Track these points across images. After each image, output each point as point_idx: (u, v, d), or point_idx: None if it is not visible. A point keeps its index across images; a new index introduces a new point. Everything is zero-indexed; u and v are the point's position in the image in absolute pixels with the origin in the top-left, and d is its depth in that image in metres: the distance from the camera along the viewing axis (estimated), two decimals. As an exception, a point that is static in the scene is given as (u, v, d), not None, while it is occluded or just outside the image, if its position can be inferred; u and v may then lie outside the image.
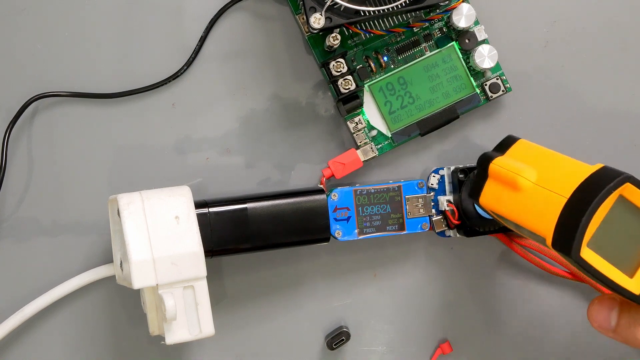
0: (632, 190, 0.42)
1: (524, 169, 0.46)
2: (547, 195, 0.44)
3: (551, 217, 0.43)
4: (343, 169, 0.54)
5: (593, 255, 0.42)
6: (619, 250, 0.43)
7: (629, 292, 0.42)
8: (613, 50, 0.57)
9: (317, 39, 0.55)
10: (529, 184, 0.45)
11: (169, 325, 0.48)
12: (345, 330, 0.56)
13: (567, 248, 0.42)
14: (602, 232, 0.42)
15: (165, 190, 0.50)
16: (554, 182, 0.44)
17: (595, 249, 0.42)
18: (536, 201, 0.44)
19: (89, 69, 0.55)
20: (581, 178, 0.43)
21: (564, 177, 0.44)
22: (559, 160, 0.46)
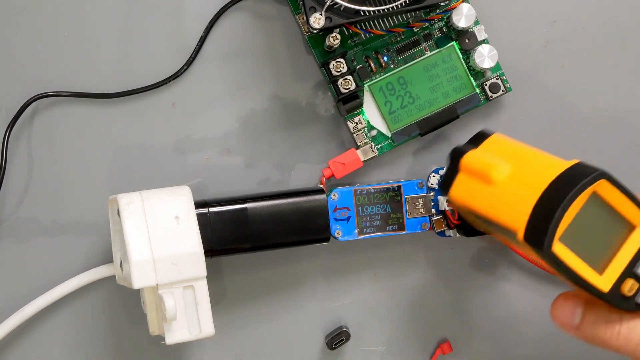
0: (607, 187, 0.42)
1: (497, 163, 0.45)
2: (521, 189, 0.43)
3: (524, 210, 0.42)
4: (343, 169, 0.54)
5: (565, 250, 0.42)
6: (590, 247, 0.42)
7: (598, 290, 0.42)
8: (613, 50, 0.57)
9: (317, 39, 0.55)
10: (502, 177, 0.45)
11: (169, 325, 0.48)
12: (345, 330, 0.56)
13: (539, 242, 0.41)
14: (574, 228, 0.42)
15: (165, 190, 0.50)
16: (528, 176, 0.43)
17: (566, 245, 0.42)
18: (509, 195, 0.44)
19: (89, 69, 0.55)
20: (556, 173, 0.42)
21: (538, 172, 0.43)
22: (534, 155, 0.46)
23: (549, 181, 0.42)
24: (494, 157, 0.46)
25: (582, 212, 0.42)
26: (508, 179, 0.44)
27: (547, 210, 0.41)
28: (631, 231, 0.43)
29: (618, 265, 0.43)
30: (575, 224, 0.42)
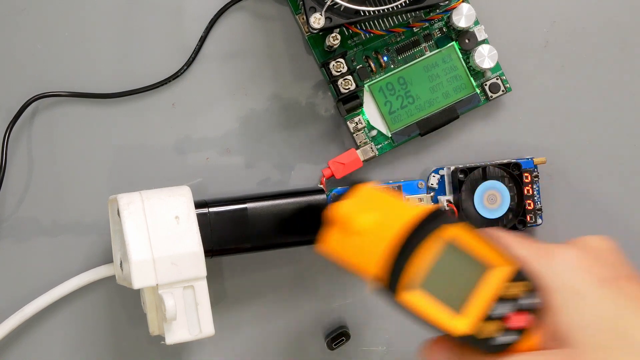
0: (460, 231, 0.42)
1: (361, 213, 0.45)
2: (379, 238, 0.43)
3: (379, 260, 0.42)
4: (343, 169, 0.54)
5: (419, 298, 0.42)
6: (448, 292, 0.42)
7: (457, 334, 0.42)
8: (613, 50, 0.57)
9: (317, 39, 0.55)
10: (364, 227, 0.44)
11: (169, 325, 0.48)
12: (345, 330, 0.56)
13: (391, 292, 0.41)
14: (430, 274, 0.42)
15: (165, 190, 0.50)
16: (387, 225, 0.43)
17: (422, 292, 0.42)
18: (369, 245, 0.44)
19: (89, 69, 0.55)
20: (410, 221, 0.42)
21: (395, 220, 0.43)
22: (395, 204, 0.45)
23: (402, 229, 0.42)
24: (360, 207, 0.45)
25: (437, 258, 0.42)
26: (369, 229, 0.44)
27: (398, 260, 0.41)
28: (490, 272, 0.42)
29: (477, 307, 0.42)
30: (431, 271, 0.42)
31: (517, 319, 0.42)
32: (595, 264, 0.44)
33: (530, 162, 0.55)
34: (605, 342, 0.41)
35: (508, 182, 0.54)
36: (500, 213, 0.54)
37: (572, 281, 0.43)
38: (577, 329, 0.42)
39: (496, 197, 0.54)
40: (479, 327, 0.42)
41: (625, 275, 0.44)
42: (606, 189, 0.58)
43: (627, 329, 0.42)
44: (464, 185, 0.54)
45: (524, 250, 0.44)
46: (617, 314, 0.42)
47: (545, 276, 0.43)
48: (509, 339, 0.42)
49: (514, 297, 0.42)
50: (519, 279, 0.42)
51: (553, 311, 0.42)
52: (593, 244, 0.46)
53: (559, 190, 0.57)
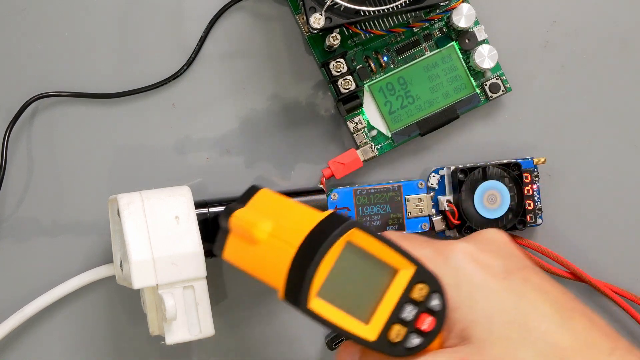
0: (360, 236, 0.41)
1: (260, 221, 0.44)
2: (280, 247, 0.42)
3: (282, 269, 0.41)
4: (343, 169, 0.54)
5: (324, 305, 0.41)
6: (352, 297, 0.42)
7: (364, 340, 0.41)
8: (613, 50, 0.57)
9: (317, 39, 0.55)
10: (264, 235, 0.43)
11: (169, 325, 0.48)
12: (345, 330, 0.56)
13: (296, 300, 0.41)
14: (333, 280, 0.41)
15: (165, 190, 0.50)
16: (287, 232, 0.42)
17: (326, 298, 0.41)
18: (270, 253, 0.43)
19: (89, 69, 0.55)
20: (310, 227, 0.41)
21: (295, 227, 0.42)
22: (294, 210, 0.44)
23: (303, 237, 0.41)
24: (258, 215, 0.45)
25: (340, 263, 0.41)
26: (269, 237, 0.43)
27: (300, 267, 0.41)
28: (394, 276, 0.42)
29: (383, 312, 0.42)
30: (334, 277, 0.41)
31: (422, 322, 0.42)
32: (490, 257, 0.44)
33: (530, 162, 0.55)
34: (505, 334, 0.41)
35: (508, 182, 0.54)
36: (500, 213, 0.54)
37: (467, 277, 0.43)
38: (476, 323, 0.42)
39: (496, 197, 0.54)
40: (385, 333, 0.42)
41: (521, 266, 0.44)
42: (606, 189, 0.57)
43: (526, 319, 0.42)
44: (464, 185, 0.54)
45: (421, 251, 0.44)
46: (515, 305, 0.42)
47: (442, 275, 0.43)
48: (416, 342, 0.42)
49: (418, 299, 0.42)
50: (420, 280, 0.42)
51: (452, 309, 0.43)
52: (488, 236, 0.46)
53: (559, 190, 0.57)
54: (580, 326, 0.42)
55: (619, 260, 0.58)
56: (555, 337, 0.41)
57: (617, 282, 0.57)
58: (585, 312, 0.43)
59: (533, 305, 0.42)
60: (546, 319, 0.42)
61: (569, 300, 0.43)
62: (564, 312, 0.42)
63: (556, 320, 0.42)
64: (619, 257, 0.58)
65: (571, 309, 0.43)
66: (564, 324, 0.42)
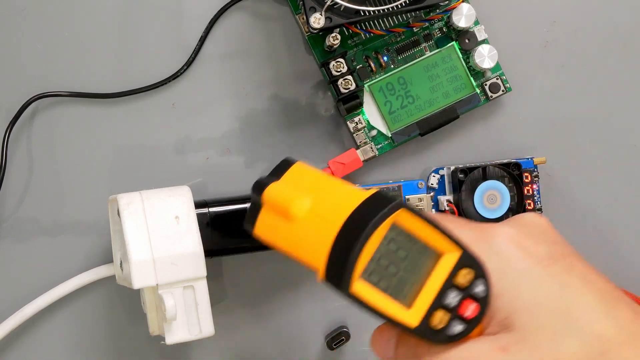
0: (406, 217, 0.39)
1: (298, 197, 0.42)
2: (320, 225, 0.40)
3: (323, 248, 0.39)
4: (343, 169, 0.54)
5: (366, 289, 0.39)
6: (395, 281, 0.40)
7: (406, 325, 0.40)
8: (613, 50, 0.57)
9: (317, 39, 0.55)
10: (302, 212, 0.41)
11: (169, 325, 0.48)
12: (345, 330, 0.56)
13: (338, 282, 0.39)
14: (376, 263, 0.40)
15: (165, 190, 0.50)
16: (327, 210, 0.40)
17: (369, 281, 0.40)
18: (309, 231, 0.41)
19: (89, 69, 0.55)
20: (353, 206, 0.39)
21: (337, 205, 0.40)
22: (334, 186, 0.42)
23: (346, 215, 0.39)
24: (295, 190, 0.42)
25: (383, 245, 0.40)
26: (308, 214, 0.41)
27: (344, 247, 0.39)
28: (438, 260, 0.41)
29: (426, 297, 0.40)
30: (377, 259, 0.40)
31: (466, 308, 0.40)
32: (534, 243, 0.43)
33: (530, 162, 0.55)
34: (548, 323, 0.40)
35: (508, 182, 0.54)
36: (500, 213, 0.54)
37: (512, 263, 0.42)
38: (519, 311, 0.41)
39: (496, 197, 0.54)
40: (428, 319, 0.40)
41: (566, 252, 0.43)
42: (606, 189, 0.58)
43: (571, 308, 0.41)
44: (464, 185, 0.54)
45: (463, 234, 0.42)
46: (560, 294, 0.41)
47: (486, 260, 0.41)
48: (459, 328, 0.40)
49: (463, 284, 0.40)
50: (465, 265, 0.40)
51: (496, 295, 0.41)
52: (529, 220, 0.44)
53: (559, 190, 0.57)
54: (625, 317, 0.41)
55: (619, 260, 0.58)
56: (600, 327, 0.40)
57: (617, 282, 0.57)
58: (630, 303, 0.42)
59: (578, 295, 0.41)
60: (590, 308, 0.41)
61: (613, 290, 0.42)
62: (608, 302, 0.41)
63: (601, 310, 0.41)
64: (619, 257, 0.58)
65: (615, 298, 0.42)
66: (608, 314, 0.41)
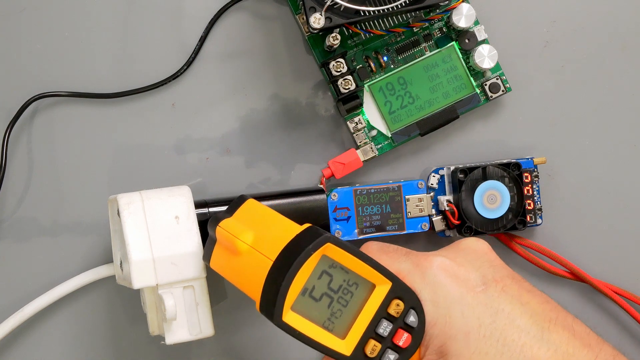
0: (334, 251, 0.42)
1: (243, 232, 0.44)
2: (259, 259, 0.42)
3: (260, 281, 0.42)
4: (343, 169, 0.54)
5: (298, 319, 0.41)
6: (329, 312, 0.42)
7: (340, 354, 0.41)
8: (613, 50, 0.57)
9: (317, 39, 0.55)
10: (246, 247, 0.44)
11: (169, 325, 0.48)
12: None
13: (270, 314, 0.41)
14: (308, 294, 0.42)
15: (165, 190, 0.50)
16: (266, 244, 0.43)
17: (301, 312, 0.41)
18: (250, 265, 0.43)
19: (89, 69, 0.55)
20: (286, 241, 0.42)
21: (274, 239, 0.42)
22: (275, 221, 0.45)
23: (279, 250, 0.41)
24: (242, 226, 0.45)
25: (315, 277, 0.42)
26: (249, 250, 0.44)
27: (275, 280, 0.41)
28: (371, 291, 0.42)
29: (359, 327, 0.42)
30: (309, 291, 0.42)
31: (399, 337, 0.42)
32: (467, 269, 0.44)
33: (530, 162, 0.55)
34: (482, 349, 0.41)
35: (508, 182, 0.54)
36: (500, 213, 0.54)
37: (444, 292, 0.43)
38: (452, 338, 0.42)
39: (496, 197, 0.54)
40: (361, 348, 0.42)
41: (499, 276, 0.44)
42: (606, 189, 0.57)
43: (504, 333, 0.41)
44: (464, 185, 0.54)
45: (400, 265, 0.44)
46: (492, 320, 0.42)
47: (420, 290, 0.43)
48: (392, 358, 0.42)
49: (394, 315, 0.42)
50: (396, 296, 0.42)
51: (430, 324, 0.43)
52: (466, 245, 0.46)
53: (559, 190, 0.57)
54: (560, 338, 0.41)
55: (619, 260, 0.58)
56: (533, 351, 0.41)
57: (617, 282, 0.57)
58: (567, 323, 0.43)
59: (510, 319, 0.42)
60: (524, 332, 0.41)
61: (549, 311, 0.43)
62: (542, 324, 0.42)
63: (534, 333, 0.41)
64: (619, 257, 0.58)
65: (550, 320, 0.42)
66: (542, 337, 0.41)
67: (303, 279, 0.41)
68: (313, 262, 0.41)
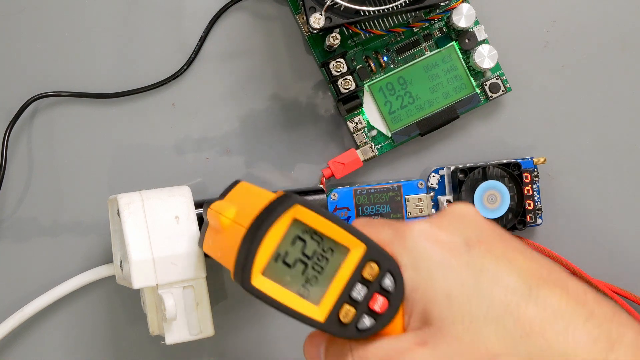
0: (305, 213, 0.40)
1: (227, 208, 0.44)
2: (238, 230, 0.42)
3: (235, 250, 0.41)
4: (343, 169, 0.54)
5: (270, 284, 0.40)
6: (303, 278, 0.41)
7: (314, 321, 0.40)
8: (613, 50, 0.57)
9: (317, 39, 0.55)
10: (228, 221, 0.43)
11: (169, 325, 0.48)
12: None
13: (241, 278, 0.40)
14: (281, 259, 0.40)
15: (165, 190, 0.50)
16: (245, 216, 0.42)
17: (272, 277, 0.40)
18: (231, 238, 0.42)
19: (89, 69, 0.55)
20: (261, 207, 0.41)
21: (252, 210, 0.41)
22: (257, 195, 0.44)
23: (253, 217, 0.41)
24: (229, 204, 0.44)
25: (287, 242, 0.41)
26: (231, 223, 0.43)
27: (245, 245, 0.40)
28: (345, 255, 0.41)
29: (334, 292, 0.41)
30: (282, 256, 0.40)
31: (375, 302, 0.40)
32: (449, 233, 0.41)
33: (530, 162, 0.55)
34: (466, 311, 0.39)
35: (508, 182, 0.54)
36: (500, 213, 0.54)
37: (425, 256, 0.40)
38: (434, 303, 0.39)
39: (496, 197, 0.54)
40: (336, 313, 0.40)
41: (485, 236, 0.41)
42: (606, 189, 0.58)
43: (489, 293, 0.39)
44: (464, 185, 0.54)
45: (382, 233, 0.42)
46: (476, 280, 0.39)
47: (400, 256, 0.41)
48: (368, 323, 0.40)
49: (369, 278, 0.40)
50: (371, 259, 0.40)
51: (412, 289, 0.40)
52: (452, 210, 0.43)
53: (559, 190, 0.57)
54: (550, 295, 0.38)
55: (619, 260, 0.58)
56: (520, 309, 0.38)
57: (617, 282, 0.57)
58: (559, 281, 0.39)
59: (495, 278, 0.39)
60: (510, 291, 0.39)
61: (539, 268, 0.40)
62: (530, 282, 0.39)
63: (522, 291, 0.38)
64: (619, 257, 0.58)
65: (540, 277, 0.39)
66: (530, 295, 0.38)
67: (273, 244, 0.40)
68: (283, 226, 0.40)
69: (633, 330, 0.38)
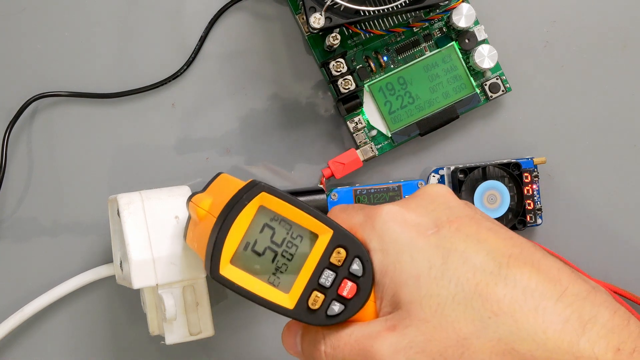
0: (271, 200, 0.40)
1: (203, 199, 0.43)
2: (211, 220, 0.42)
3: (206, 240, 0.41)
4: (343, 169, 0.54)
5: (238, 273, 0.40)
6: (273, 266, 0.41)
7: (283, 308, 0.40)
8: (613, 50, 0.57)
9: (317, 39, 0.55)
10: (203, 212, 0.43)
11: (169, 325, 0.48)
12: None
13: (209, 268, 0.40)
14: (252, 248, 0.40)
15: (165, 190, 0.50)
16: (216, 206, 0.42)
17: (241, 266, 0.40)
18: (205, 229, 0.42)
19: (89, 69, 0.55)
20: (230, 196, 0.41)
21: (222, 199, 0.41)
22: (230, 185, 0.43)
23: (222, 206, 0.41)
24: (207, 196, 0.44)
25: (256, 230, 0.40)
26: (206, 214, 0.43)
27: (213, 235, 0.40)
28: (314, 242, 0.41)
29: (302, 279, 0.41)
30: (251, 244, 0.40)
31: (344, 287, 0.40)
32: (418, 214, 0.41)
33: (530, 162, 0.55)
34: (434, 292, 0.38)
35: (508, 182, 0.54)
36: (500, 213, 0.54)
37: (393, 239, 0.40)
38: (402, 285, 0.39)
39: (496, 197, 0.54)
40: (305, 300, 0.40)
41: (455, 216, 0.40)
42: (606, 189, 0.58)
43: (457, 273, 0.38)
44: (464, 185, 0.54)
45: (354, 219, 0.41)
46: (444, 260, 0.38)
47: (369, 240, 0.40)
48: (337, 308, 0.40)
49: (337, 264, 0.40)
50: (338, 244, 0.40)
51: (381, 274, 0.40)
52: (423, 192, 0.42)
53: (559, 190, 0.57)
54: (520, 273, 0.37)
55: (619, 260, 0.58)
56: (489, 288, 0.37)
57: (617, 282, 0.57)
58: (531, 258, 0.39)
59: (464, 258, 0.38)
60: (479, 270, 0.38)
61: (510, 247, 0.39)
62: (500, 260, 0.38)
63: (491, 269, 0.38)
64: (619, 257, 0.58)
65: (510, 255, 0.38)
66: (499, 273, 0.37)
67: (241, 232, 0.40)
68: (250, 213, 0.40)
69: (609, 310, 0.37)
